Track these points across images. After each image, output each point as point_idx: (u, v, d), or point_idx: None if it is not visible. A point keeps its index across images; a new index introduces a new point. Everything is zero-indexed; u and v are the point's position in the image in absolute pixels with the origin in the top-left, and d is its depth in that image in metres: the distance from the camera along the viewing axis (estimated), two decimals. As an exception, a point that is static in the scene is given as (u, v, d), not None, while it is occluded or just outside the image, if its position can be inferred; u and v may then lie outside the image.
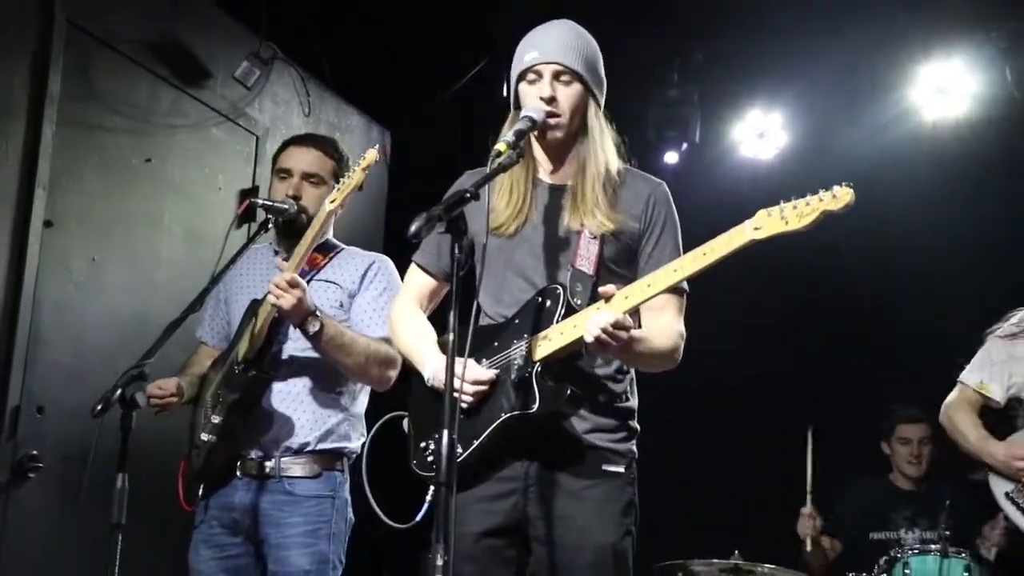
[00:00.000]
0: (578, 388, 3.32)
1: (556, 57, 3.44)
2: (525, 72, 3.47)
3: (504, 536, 3.38)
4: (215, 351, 4.40)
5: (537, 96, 3.42)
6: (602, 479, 3.38)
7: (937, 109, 7.05)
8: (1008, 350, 4.68)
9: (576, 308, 3.30)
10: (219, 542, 4.14)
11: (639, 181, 3.57)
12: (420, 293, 3.66)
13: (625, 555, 3.38)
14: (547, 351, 3.28)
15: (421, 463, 3.43)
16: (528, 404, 3.26)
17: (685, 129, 7.55)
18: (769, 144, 7.53)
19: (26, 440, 4.97)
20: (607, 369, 3.46)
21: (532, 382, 3.27)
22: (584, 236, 3.43)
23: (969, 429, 4.67)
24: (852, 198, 2.98)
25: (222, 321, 4.44)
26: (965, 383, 4.73)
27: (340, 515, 4.17)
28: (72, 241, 5.29)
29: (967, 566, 5.34)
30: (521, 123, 3.35)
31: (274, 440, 4.13)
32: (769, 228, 3.05)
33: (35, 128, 5.08)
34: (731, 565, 5.82)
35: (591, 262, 3.41)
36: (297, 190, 4.27)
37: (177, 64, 5.88)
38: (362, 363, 4.10)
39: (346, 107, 7.12)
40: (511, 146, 3.25)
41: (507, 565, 3.40)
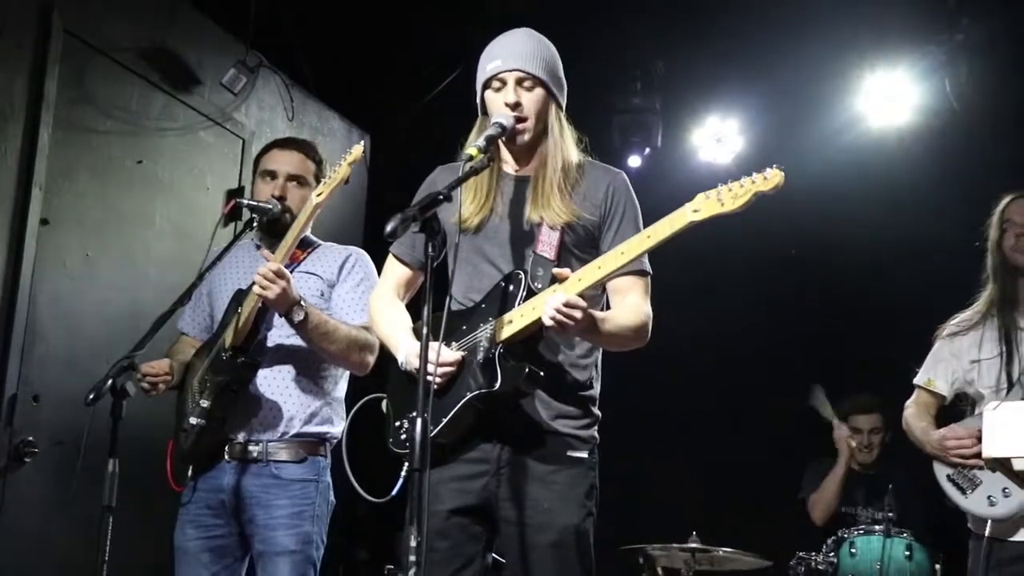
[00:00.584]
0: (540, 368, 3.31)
1: (518, 64, 3.46)
2: (490, 80, 3.48)
3: (473, 515, 3.38)
4: (196, 342, 4.39)
5: (503, 102, 3.43)
6: (566, 464, 3.39)
7: (882, 118, 7.04)
8: (949, 348, 4.71)
9: (536, 291, 3.31)
10: (204, 522, 4.13)
11: (599, 172, 3.59)
12: (397, 282, 3.67)
13: (587, 535, 3.39)
14: (509, 333, 3.29)
15: (396, 441, 3.43)
16: (491, 383, 3.27)
17: (648, 135, 7.55)
18: (726, 149, 7.53)
19: (22, 426, 4.99)
20: (571, 355, 3.47)
21: (495, 362, 3.28)
22: (545, 225, 3.44)
23: (915, 424, 4.69)
24: (782, 179, 3.03)
25: (203, 313, 4.43)
26: (917, 384, 4.77)
27: (323, 498, 4.17)
28: (67, 238, 5.30)
29: (908, 545, 5.43)
30: (492, 129, 3.37)
31: (261, 424, 4.13)
32: (707, 210, 3.10)
33: (32, 130, 5.10)
34: (689, 547, 5.83)
35: (552, 248, 3.41)
36: (282, 191, 4.28)
37: (168, 71, 5.89)
38: (344, 349, 4.11)
39: (328, 112, 7.10)
40: (482, 151, 3.28)
41: (476, 540, 3.40)
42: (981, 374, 4.55)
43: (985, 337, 4.60)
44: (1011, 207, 4.61)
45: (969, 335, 4.65)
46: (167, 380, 4.19)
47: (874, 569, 5.41)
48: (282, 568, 4.06)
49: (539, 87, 3.49)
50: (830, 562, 5.64)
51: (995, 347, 4.56)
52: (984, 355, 4.58)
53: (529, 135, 3.49)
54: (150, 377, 4.16)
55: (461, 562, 3.38)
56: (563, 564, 3.33)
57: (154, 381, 4.16)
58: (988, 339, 4.59)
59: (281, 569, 4.06)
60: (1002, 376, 4.49)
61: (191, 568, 4.13)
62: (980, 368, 4.57)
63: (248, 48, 6.28)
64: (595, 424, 3.51)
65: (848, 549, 5.55)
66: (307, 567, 4.10)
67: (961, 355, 4.64)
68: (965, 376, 4.61)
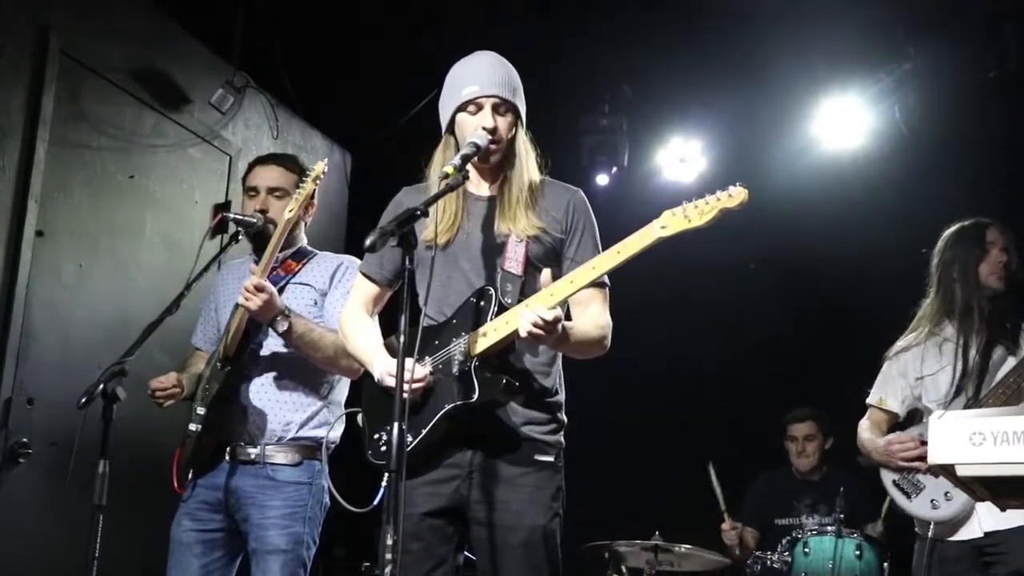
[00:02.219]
0: (515, 379, 3.34)
1: (496, 91, 3.46)
2: (465, 104, 3.47)
3: (446, 516, 3.39)
4: (207, 354, 4.40)
5: (479, 125, 3.42)
6: (534, 468, 3.39)
7: (836, 142, 7.08)
8: (897, 367, 4.74)
9: (507, 306, 3.32)
10: (200, 517, 4.14)
11: (559, 190, 3.60)
12: (366, 299, 3.67)
13: (554, 535, 3.39)
14: (483, 346, 3.30)
15: (376, 453, 3.44)
16: (469, 394, 3.28)
17: (615, 154, 7.58)
18: (690, 168, 7.55)
19: (17, 429, 4.97)
20: (536, 362, 3.47)
21: (471, 375, 3.29)
22: (511, 240, 3.45)
23: (865, 436, 4.73)
24: (746, 196, 3.05)
25: (212, 327, 4.44)
26: (870, 403, 4.81)
27: (316, 500, 4.17)
28: (61, 249, 5.29)
29: (858, 545, 5.45)
30: (467, 148, 3.37)
31: (259, 428, 4.15)
32: (674, 226, 3.12)
33: (29, 146, 5.09)
34: (652, 545, 5.87)
35: (519, 263, 3.42)
36: (264, 204, 4.30)
37: (159, 90, 5.89)
38: (331, 356, 4.10)
39: (311, 131, 7.11)
40: (458, 169, 3.28)
41: (448, 541, 3.41)
42: (927, 388, 4.61)
43: (927, 354, 4.64)
44: (991, 231, 4.64)
45: (912, 352, 4.70)
46: (176, 393, 4.20)
47: (827, 567, 5.43)
48: (273, 566, 4.06)
49: (511, 112, 3.51)
50: (785, 561, 5.66)
51: (936, 362, 4.59)
52: (927, 371, 4.63)
53: (499, 156, 3.51)
54: (159, 392, 4.18)
55: (434, 562, 3.38)
56: (531, 563, 3.34)
57: (163, 395, 4.18)
58: (930, 355, 4.63)
59: (272, 567, 4.06)
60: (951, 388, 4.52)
61: (183, 557, 4.13)
62: (925, 384, 4.62)
63: (235, 69, 6.29)
64: (561, 429, 3.51)
65: (802, 548, 5.57)
66: (297, 566, 4.10)
67: (907, 373, 4.69)
68: (913, 393, 4.66)
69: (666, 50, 6.78)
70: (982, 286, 4.58)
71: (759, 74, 6.85)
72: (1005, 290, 4.58)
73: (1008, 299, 4.59)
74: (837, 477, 6.24)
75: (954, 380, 4.54)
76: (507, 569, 3.33)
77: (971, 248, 4.64)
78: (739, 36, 6.56)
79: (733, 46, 6.62)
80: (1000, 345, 4.55)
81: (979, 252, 4.61)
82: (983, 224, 4.68)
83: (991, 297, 4.58)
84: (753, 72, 6.83)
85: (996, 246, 4.61)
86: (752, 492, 6.71)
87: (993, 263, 4.59)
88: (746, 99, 7.10)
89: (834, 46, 6.63)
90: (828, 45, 6.62)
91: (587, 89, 7.31)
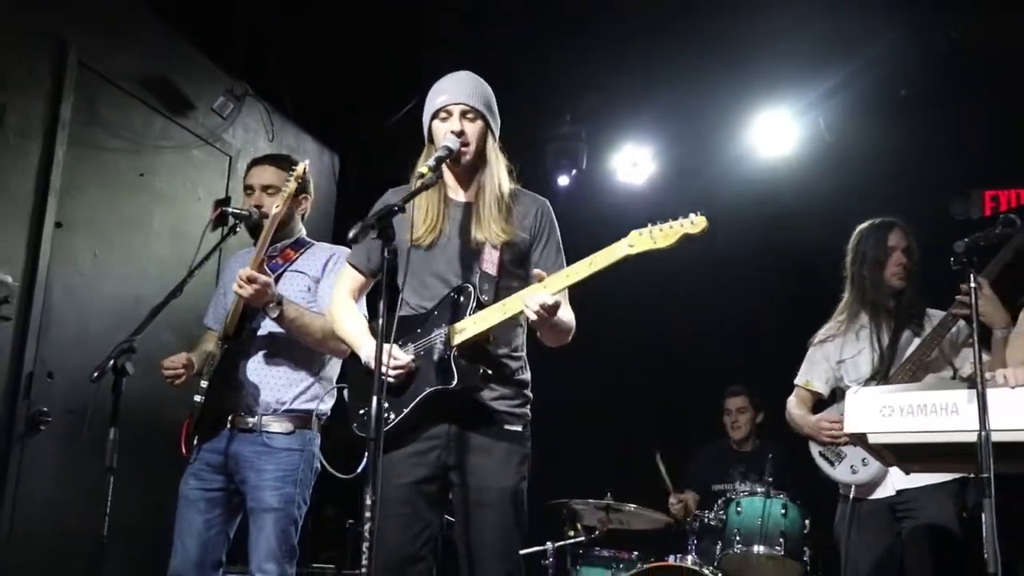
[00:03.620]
0: (489, 367, 3.41)
1: (462, 99, 3.50)
2: (438, 112, 3.52)
3: (430, 483, 3.42)
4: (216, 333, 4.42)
5: (449, 130, 3.46)
6: (504, 438, 3.44)
7: (770, 149, 7.14)
8: (821, 352, 4.80)
9: (484, 303, 3.37)
10: (204, 477, 4.16)
11: (527, 199, 3.63)
12: (352, 287, 3.71)
13: (521, 495, 3.44)
14: (463, 338, 3.35)
15: (361, 425, 3.48)
16: (448, 380, 3.33)
17: (575, 159, 7.59)
18: (641, 171, 7.57)
19: (38, 399, 4.99)
20: (504, 350, 3.51)
21: (451, 363, 3.34)
22: (487, 245, 3.48)
23: (796, 412, 4.79)
24: (706, 226, 3.12)
25: (221, 309, 4.44)
26: (797, 384, 4.87)
27: (308, 465, 4.18)
28: (78, 239, 5.29)
29: (784, 504, 5.48)
30: (440, 151, 3.40)
31: (256, 400, 4.16)
32: (641, 245, 3.19)
33: (49, 148, 5.09)
34: (604, 504, 5.94)
35: (494, 265, 3.47)
36: (259, 201, 4.33)
37: (166, 98, 5.87)
38: (320, 339, 4.13)
39: (303, 135, 7.09)
40: (432, 169, 3.32)
41: (434, 506, 3.44)
42: (847, 370, 4.70)
43: (847, 341, 4.72)
44: (894, 234, 4.71)
45: (835, 341, 4.77)
46: (183, 372, 4.23)
47: (756, 524, 5.47)
48: (267, 522, 4.08)
49: (479, 119, 3.53)
50: (720, 519, 5.70)
51: (854, 347, 4.68)
52: (846, 355, 4.71)
53: (470, 157, 3.53)
54: (170, 371, 4.21)
55: (421, 525, 3.41)
56: (501, 520, 3.39)
57: (171, 374, 4.22)
58: (850, 341, 4.71)
59: (267, 523, 4.08)
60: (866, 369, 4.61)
61: (189, 512, 4.16)
62: (845, 366, 4.71)
63: (236, 79, 6.28)
64: (527, 404, 3.56)
65: (735, 508, 5.61)
66: (289, 523, 4.12)
67: (830, 358, 4.77)
68: (835, 374, 4.74)
69: (621, 68, 6.80)
70: (886, 285, 4.67)
71: (703, 89, 6.89)
72: (906, 287, 4.67)
73: (913, 290, 4.68)
74: (766, 447, 6.31)
75: (868, 363, 4.64)
76: (481, 525, 3.38)
77: (875, 251, 4.70)
78: (686, 56, 6.58)
79: (681, 64, 6.65)
80: (908, 329, 4.64)
81: (882, 255, 4.68)
82: (888, 226, 4.74)
83: (895, 293, 4.67)
84: (698, 87, 6.87)
85: (897, 249, 4.67)
86: (694, 461, 6.77)
87: (894, 266, 4.66)
88: (691, 111, 7.13)
89: (768, 65, 6.67)
90: (763, 64, 6.67)
91: (551, 102, 7.31)
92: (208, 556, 4.14)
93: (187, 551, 4.12)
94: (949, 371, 4.52)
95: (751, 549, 5.47)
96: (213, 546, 4.16)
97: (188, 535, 4.13)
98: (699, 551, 5.72)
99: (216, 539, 4.17)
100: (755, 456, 6.46)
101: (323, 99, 7.00)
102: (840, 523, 4.65)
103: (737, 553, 5.50)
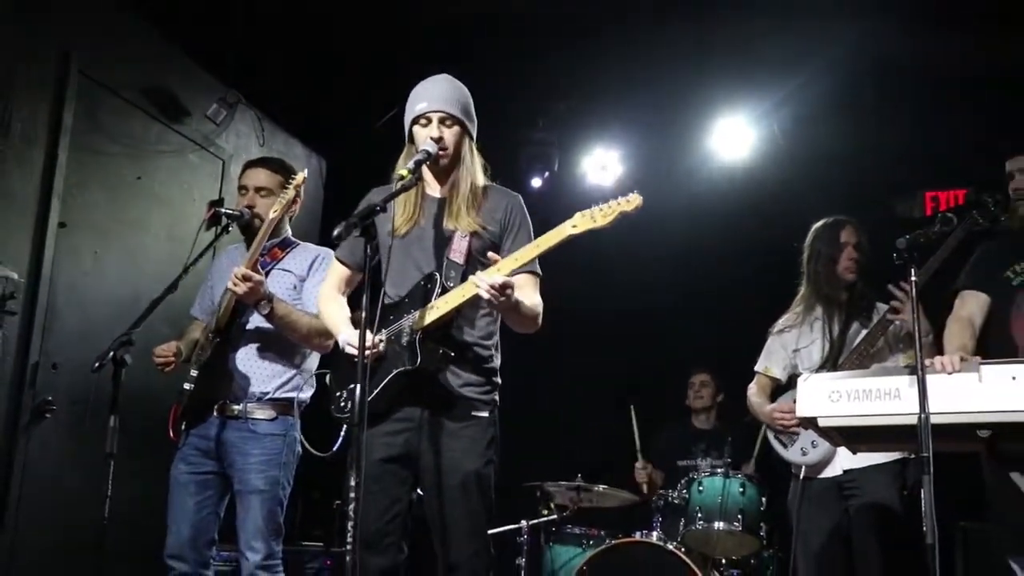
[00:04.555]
0: (451, 350, 3.41)
1: (441, 107, 3.51)
2: (418, 118, 3.53)
3: (400, 462, 3.43)
4: (204, 323, 4.42)
5: (428, 136, 3.47)
6: (472, 421, 3.43)
7: (728, 153, 7.16)
8: (779, 341, 4.83)
9: (449, 289, 3.38)
10: (193, 461, 4.17)
11: (499, 194, 3.63)
12: (339, 281, 3.71)
13: (488, 478, 3.43)
14: (427, 321, 3.37)
15: (338, 408, 3.51)
16: (413, 361, 3.35)
17: (548, 161, 7.57)
18: (609, 174, 7.55)
19: (43, 389, 5.00)
20: (475, 336, 3.51)
21: (416, 345, 3.36)
22: (457, 235, 3.49)
23: (755, 400, 4.83)
24: (640, 201, 3.16)
25: (208, 301, 4.45)
26: (756, 371, 4.90)
27: (290, 449, 4.20)
28: (80, 239, 5.29)
29: (742, 483, 5.50)
30: (419, 155, 3.41)
31: (242, 389, 4.17)
32: (583, 225, 3.21)
33: (52, 152, 5.09)
34: (575, 485, 5.96)
35: (462, 254, 3.47)
36: (251, 201, 4.32)
37: (163, 105, 5.87)
38: (305, 335, 4.15)
39: (292, 140, 7.08)
40: (411, 171, 3.34)
41: (403, 483, 3.44)
42: (803, 358, 4.73)
43: (803, 331, 4.76)
44: (845, 231, 4.75)
45: (792, 331, 4.81)
46: (174, 360, 4.24)
47: (716, 502, 5.50)
48: (254, 503, 4.09)
49: (457, 125, 3.54)
50: (683, 497, 5.71)
51: (809, 337, 4.72)
52: (802, 344, 4.75)
53: (447, 161, 3.54)
54: (160, 358, 4.22)
55: (391, 500, 3.42)
56: (468, 500, 3.38)
57: (162, 362, 4.22)
58: (805, 333, 4.75)
59: (254, 504, 4.09)
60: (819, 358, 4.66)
61: (180, 495, 4.16)
62: (801, 354, 4.74)
63: (228, 87, 6.26)
64: (495, 390, 3.55)
65: (697, 487, 5.62)
66: (274, 503, 4.14)
67: (788, 346, 4.80)
68: (792, 362, 4.78)
69: (591, 78, 6.83)
70: (839, 279, 4.71)
71: (667, 98, 6.93)
72: (857, 279, 4.71)
73: (863, 284, 4.73)
74: (726, 429, 6.32)
75: (821, 352, 4.68)
76: (448, 505, 3.38)
77: (828, 247, 4.74)
78: (651, 68, 6.61)
79: (646, 76, 6.67)
80: (857, 321, 4.69)
81: (835, 251, 4.72)
82: (840, 224, 4.77)
83: (848, 286, 4.72)
84: (662, 96, 6.91)
85: (848, 245, 4.71)
86: (660, 438, 6.77)
87: (846, 261, 4.70)
88: (656, 118, 7.16)
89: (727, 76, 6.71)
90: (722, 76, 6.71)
91: (526, 108, 7.32)
92: (201, 536, 4.14)
93: (181, 532, 4.12)
94: (893, 360, 4.57)
95: (712, 525, 5.49)
96: (205, 526, 4.16)
97: (181, 517, 4.14)
98: (663, 528, 5.73)
99: (207, 519, 4.17)
100: (715, 434, 6.45)
101: (310, 106, 6.99)
102: (792, 500, 4.70)
103: (699, 529, 5.53)
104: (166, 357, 4.23)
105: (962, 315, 3.95)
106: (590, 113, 7.47)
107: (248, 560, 4.06)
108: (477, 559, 3.38)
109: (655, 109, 7.06)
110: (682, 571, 5.24)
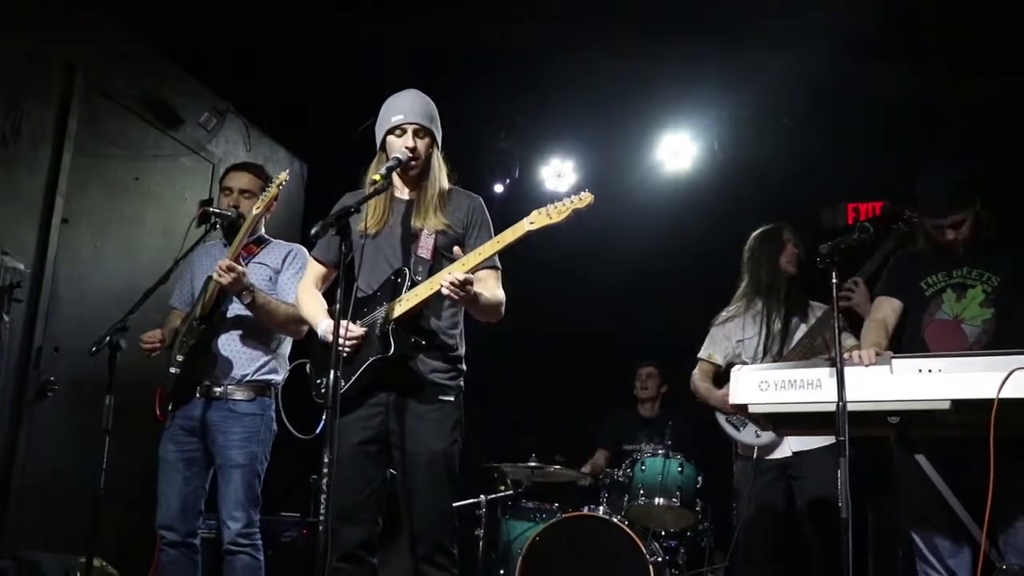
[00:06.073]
0: (421, 338, 3.42)
1: (416, 119, 3.51)
2: (393, 128, 3.52)
3: (375, 444, 3.43)
4: (182, 313, 4.40)
5: (403, 145, 3.47)
6: (438, 405, 3.43)
7: (673, 165, 7.18)
8: (722, 331, 4.84)
9: (417, 283, 3.39)
10: (179, 440, 4.17)
11: (462, 196, 3.64)
12: (316, 277, 3.71)
13: (453, 457, 3.44)
14: (398, 312, 3.37)
15: (318, 393, 3.50)
16: (386, 349, 3.36)
17: (509, 169, 7.56)
18: (565, 181, 7.53)
19: (46, 370, 4.98)
20: (441, 325, 3.51)
21: (389, 334, 3.37)
22: (424, 233, 3.50)
23: (701, 385, 4.81)
24: (591, 199, 3.17)
25: (187, 292, 4.43)
26: (700, 358, 4.90)
27: (267, 427, 4.20)
28: (81, 234, 5.27)
29: (680, 463, 5.54)
30: (391, 162, 3.41)
31: (223, 372, 4.16)
32: (539, 222, 3.23)
33: (57, 155, 5.08)
34: (529, 465, 5.94)
35: (429, 251, 3.48)
36: (236, 202, 4.31)
37: (159, 113, 5.83)
38: (282, 322, 4.15)
39: (276, 146, 7.04)
40: (384, 177, 3.34)
41: (378, 464, 3.45)
42: (745, 348, 4.74)
43: (746, 323, 4.78)
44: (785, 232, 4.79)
45: (734, 322, 4.82)
46: (158, 346, 4.23)
47: (657, 480, 5.54)
48: (235, 476, 4.09)
49: (428, 136, 3.55)
50: (627, 475, 5.74)
51: (751, 329, 4.75)
52: (745, 335, 4.76)
53: (418, 169, 3.55)
54: (147, 344, 4.20)
55: (367, 479, 3.43)
56: (435, 478, 3.39)
57: (148, 347, 4.21)
58: (747, 324, 4.77)
59: (234, 477, 4.09)
60: (760, 348, 4.69)
61: (169, 472, 4.16)
62: (744, 344, 4.75)
63: (219, 97, 6.25)
64: (460, 376, 3.55)
65: (640, 467, 5.65)
66: (252, 476, 4.14)
67: (730, 336, 4.81)
68: (734, 351, 4.78)
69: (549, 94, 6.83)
70: (782, 272, 4.76)
71: (618, 113, 6.95)
72: (797, 274, 4.77)
73: (801, 282, 4.78)
74: (668, 416, 6.32)
75: (761, 343, 4.71)
76: (416, 483, 3.39)
77: (772, 244, 4.79)
78: (603, 85, 6.65)
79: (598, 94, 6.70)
80: (796, 316, 4.73)
81: (778, 247, 4.78)
82: (780, 227, 4.84)
83: (788, 279, 4.77)
84: (613, 112, 6.92)
85: (790, 242, 4.77)
86: (606, 422, 6.79)
87: (789, 254, 4.76)
88: (608, 131, 7.16)
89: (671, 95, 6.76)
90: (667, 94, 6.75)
91: (490, 121, 7.33)
92: (190, 508, 4.14)
93: (171, 505, 4.12)
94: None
95: (652, 501, 5.52)
96: (193, 499, 4.16)
97: (170, 492, 4.13)
98: (609, 503, 5.75)
99: (195, 492, 4.17)
100: (659, 422, 6.44)
101: (294, 115, 6.96)
102: (740, 479, 4.70)
103: (641, 504, 5.55)
104: (152, 343, 4.22)
105: (878, 317, 4.01)
106: (548, 127, 7.49)
107: (229, 528, 4.06)
108: (441, 530, 3.39)
109: (607, 124, 7.08)
110: (625, 542, 5.27)
